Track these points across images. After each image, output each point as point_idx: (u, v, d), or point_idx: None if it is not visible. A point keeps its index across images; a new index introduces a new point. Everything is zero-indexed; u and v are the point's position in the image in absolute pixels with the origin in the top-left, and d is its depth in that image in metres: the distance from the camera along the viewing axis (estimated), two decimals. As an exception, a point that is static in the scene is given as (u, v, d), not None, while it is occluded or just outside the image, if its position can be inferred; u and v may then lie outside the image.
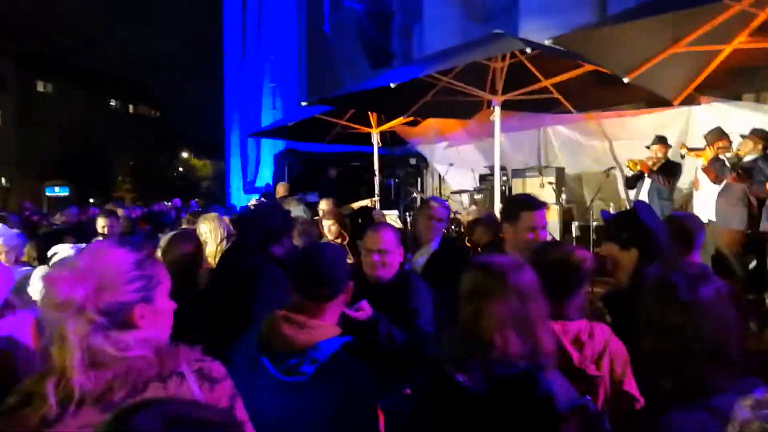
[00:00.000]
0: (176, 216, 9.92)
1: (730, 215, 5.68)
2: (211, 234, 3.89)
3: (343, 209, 6.02)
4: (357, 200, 9.05)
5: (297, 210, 6.17)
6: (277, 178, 14.16)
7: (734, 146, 5.84)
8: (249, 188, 19.95)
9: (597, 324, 1.96)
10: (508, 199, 3.18)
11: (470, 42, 7.76)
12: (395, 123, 9.68)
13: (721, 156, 5.67)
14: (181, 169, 52.10)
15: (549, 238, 3.87)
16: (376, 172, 9.76)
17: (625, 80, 6.07)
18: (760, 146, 5.54)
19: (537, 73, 7.43)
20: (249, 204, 9.46)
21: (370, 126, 9.74)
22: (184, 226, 5.21)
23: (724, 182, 5.71)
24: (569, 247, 2.11)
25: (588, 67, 6.63)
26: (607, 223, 2.72)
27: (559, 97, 7.90)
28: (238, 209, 11.08)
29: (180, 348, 1.33)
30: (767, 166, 5.40)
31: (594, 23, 6.86)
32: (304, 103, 8.50)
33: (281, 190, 9.26)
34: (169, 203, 15.08)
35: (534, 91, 7.65)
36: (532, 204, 2.85)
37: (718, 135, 5.96)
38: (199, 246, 3.33)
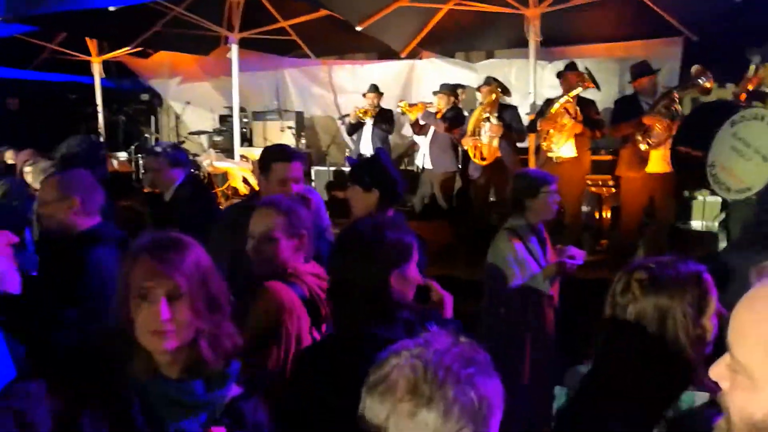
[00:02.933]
0: None
1: (442, 161, 6.40)
2: None
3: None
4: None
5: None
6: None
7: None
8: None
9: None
10: (263, 149, 3.08)
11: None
12: (121, 53, 8.63)
13: (429, 110, 6.31)
14: None
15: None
16: (99, 108, 8.66)
17: (358, 28, 6.29)
18: (452, 99, 6.35)
19: (274, 13, 7.27)
20: None
21: (89, 54, 8.53)
22: None
23: (432, 132, 6.37)
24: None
25: (324, 12, 6.70)
26: (352, 167, 2.81)
27: (297, 39, 7.90)
28: None
29: None
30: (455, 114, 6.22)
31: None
32: (-3, 19, 6.98)
33: None
34: None
35: (272, 31, 7.50)
36: (287, 155, 2.79)
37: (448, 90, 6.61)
38: None
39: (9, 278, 1.80)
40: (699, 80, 4.58)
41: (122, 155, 8.19)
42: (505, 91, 5.83)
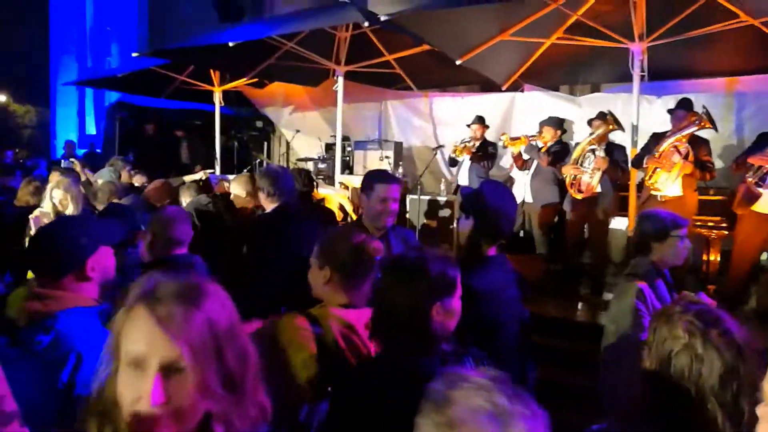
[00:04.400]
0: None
1: (543, 194, 6.30)
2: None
3: (171, 181, 5.70)
4: (199, 162, 8.67)
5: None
6: (106, 133, 13.02)
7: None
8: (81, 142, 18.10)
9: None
10: (367, 173, 3.33)
11: (316, 8, 7.68)
12: (239, 83, 9.35)
13: (533, 143, 6.24)
14: (-2, 114, 45.82)
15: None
16: (217, 134, 9.40)
17: (458, 62, 6.40)
18: (558, 132, 6.25)
19: (380, 47, 7.58)
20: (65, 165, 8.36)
21: (212, 84, 9.32)
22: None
23: (535, 166, 6.30)
24: (363, 236, 2.11)
25: (427, 47, 6.89)
26: (462, 197, 2.89)
27: (401, 72, 8.16)
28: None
29: None
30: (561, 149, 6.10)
31: (435, 4, 7.10)
32: (135, 54, 7.87)
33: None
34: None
35: (377, 64, 7.81)
36: (387, 177, 3.09)
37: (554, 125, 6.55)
38: None
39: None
40: None
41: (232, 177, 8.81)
42: (619, 125, 5.66)
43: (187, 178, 6.60)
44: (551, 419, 1.02)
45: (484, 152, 6.84)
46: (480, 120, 7.00)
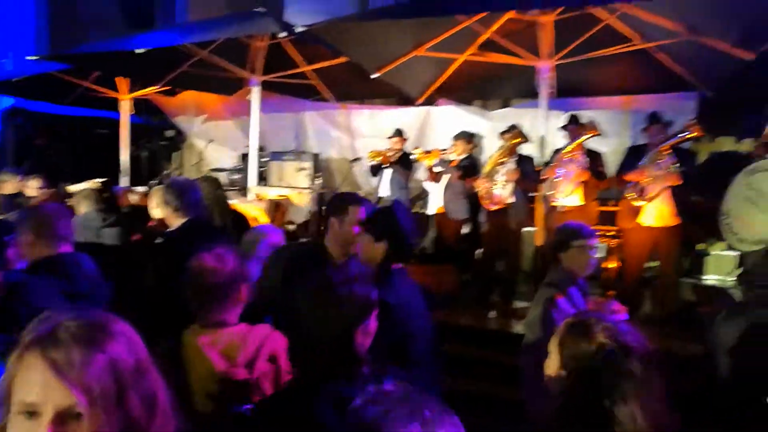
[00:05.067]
0: None
1: (454, 207, 6.45)
2: None
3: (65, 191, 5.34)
4: (96, 175, 8.19)
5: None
6: (2, 140, 12.04)
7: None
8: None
9: (256, 326, 2.01)
10: (337, 194, 3.18)
11: (230, 16, 7.52)
12: (149, 91, 8.97)
13: (444, 157, 6.39)
14: None
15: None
16: (124, 144, 8.96)
17: (373, 75, 6.47)
18: (470, 146, 6.42)
19: (296, 57, 7.53)
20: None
21: (119, 91, 8.90)
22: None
23: (447, 179, 6.44)
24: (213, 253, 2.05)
25: (344, 59, 6.91)
26: (368, 216, 2.85)
27: (318, 84, 8.14)
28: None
29: None
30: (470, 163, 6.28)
31: (352, 16, 7.15)
32: (31, 58, 7.38)
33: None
34: None
35: (294, 75, 7.75)
36: (359, 199, 2.96)
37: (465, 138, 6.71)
38: None
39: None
40: (685, 133, 4.63)
41: (140, 189, 8.41)
42: (525, 138, 5.90)
43: (73, 188, 6.23)
44: (467, 428, 1.05)
45: (405, 164, 6.92)
46: (399, 133, 7.10)
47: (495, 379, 4.28)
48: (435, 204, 6.61)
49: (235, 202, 6.98)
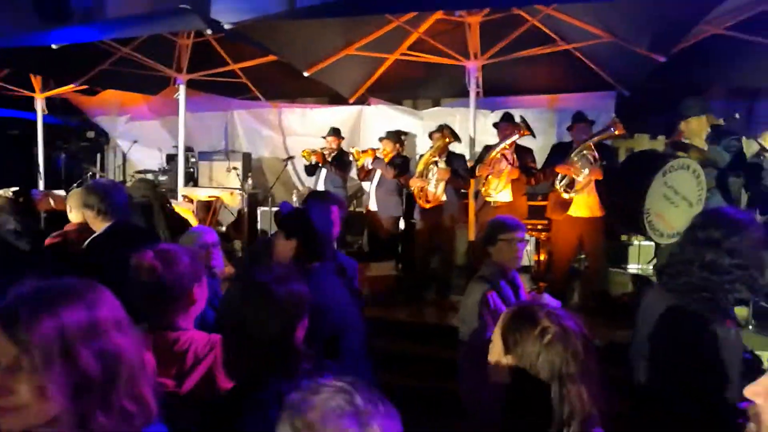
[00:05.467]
0: None
1: (387, 204, 6.49)
2: None
3: None
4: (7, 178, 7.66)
5: None
6: None
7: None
8: None
9: (210, 336, 1.90)
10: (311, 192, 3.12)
11: (153, 13, 7.25)
12: (65, 89, 8.50)
13: (378, 155, 6.42)
14: None
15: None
16: (40, 145, 8.47)
17: (305, 74, 6.42)
18: (397, 145, 6.50)
19: (224, 55, 7.35)
20: None
21: (33, 89, 8.39)
22: None
23: (379, 177, 6.47)
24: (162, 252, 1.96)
25: (274, 57, 6.80)
26: (281, 214, 2.82)
27: (248, 82, 7.99)
28: None
29: None
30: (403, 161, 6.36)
31: (280, 14, 7.06)
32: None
33: None
34: None
35: (222, 73, 7.57)
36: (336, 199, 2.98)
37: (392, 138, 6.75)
38: None
39: None
40: (610, 129, 4.87)
41: (60, 193, 7.98)
42: (456, 137, 5.99)
43: None
44: (405, 424, 1.07)
45: (341, 163, 6.89)
46: (335, 132, 7.05)
47: (433, 374, 4.34)
48: (371, 202, 6.63)
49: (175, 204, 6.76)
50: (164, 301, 1.86)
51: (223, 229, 7.72)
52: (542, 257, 6.13)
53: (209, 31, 5.44)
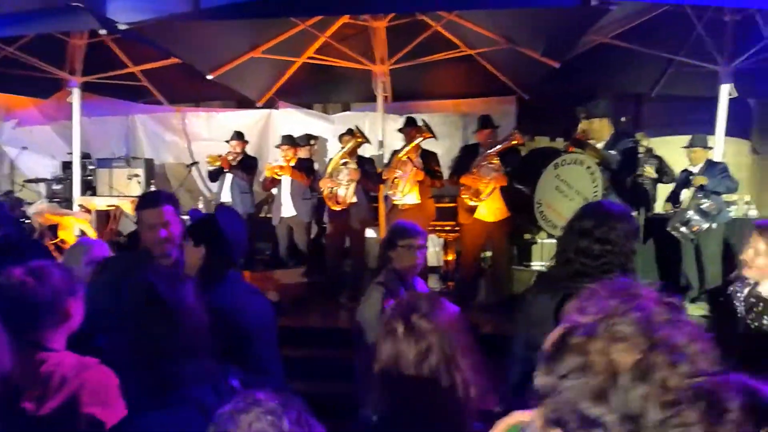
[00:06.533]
0: None
1: (299, 209, 6.41)
2: None
3: None
4: None
5: None
6: None
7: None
8: None
9: (81, 359, 1.79)
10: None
11: (42, 10, 6.78)
12: (-59, 92, 7.80)
13: (282, 164, 6.34)
14: None
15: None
16: None
17: (209, 77, 6.24)
18: (296, 150, 6.45)
19: (123, 57, 7.02)
20: None
21: None
22: None
23: (289, 182, 6.39)
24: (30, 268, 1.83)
25: (176, 60, 6.56)
26: (190, 222, 2.71)
27: (149, 86, 7.66)
28: None
29: None
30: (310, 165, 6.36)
31: (182, 15, 6.81)
32: None
33: None
34: None
35: (121, 76, 7.22)
36: (154, 201, 2.74)
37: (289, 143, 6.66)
38: None
39: None
40: (509, 140, 5.13)
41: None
42: (366, 139, 6.02)
43: None
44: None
45: (246, 168, 6.72)
46: (239, 136, 6.87)
47: (346, 378, 4.32)
48: (280, 208, 6.51)
49: (58, 215, 6.34)
50: (33, 318, 1.74)
51: (124, 240, 7.33)
52: (450, 257, 6.28)
53: (104, 31, 5.17)
